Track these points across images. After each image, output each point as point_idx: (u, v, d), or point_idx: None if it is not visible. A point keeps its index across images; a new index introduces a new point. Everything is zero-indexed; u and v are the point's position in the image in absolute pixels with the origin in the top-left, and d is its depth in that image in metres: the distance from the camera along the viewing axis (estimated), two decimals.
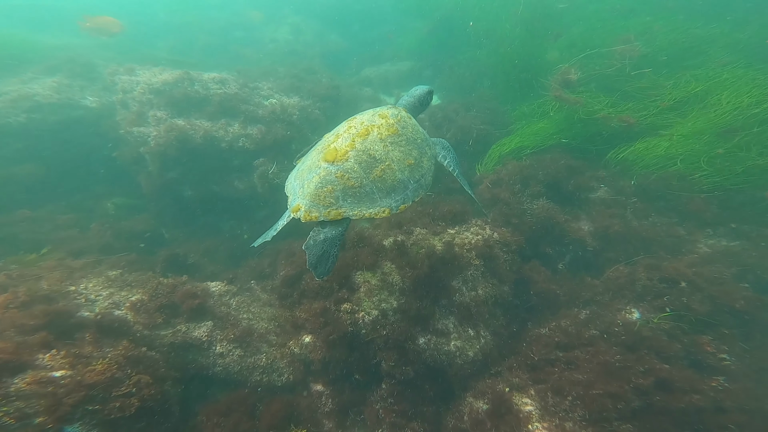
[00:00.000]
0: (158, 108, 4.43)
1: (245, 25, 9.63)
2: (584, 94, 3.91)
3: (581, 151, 3.96)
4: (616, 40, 4.78)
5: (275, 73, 5.65)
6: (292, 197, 2.46)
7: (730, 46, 4.60)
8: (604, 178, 3.67)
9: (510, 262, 3.25)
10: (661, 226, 3.25)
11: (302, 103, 5.04)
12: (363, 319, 2.82)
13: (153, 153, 4.10)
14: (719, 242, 3.06)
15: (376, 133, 2.49)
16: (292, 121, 4.68)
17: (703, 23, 4.99)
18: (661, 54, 4.60)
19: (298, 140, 4.72)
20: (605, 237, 3.29)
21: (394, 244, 3.24)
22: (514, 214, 3.47)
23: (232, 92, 4.69)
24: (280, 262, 3.76)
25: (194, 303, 2.93)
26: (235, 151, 4.33)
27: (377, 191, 2.39)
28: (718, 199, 3.18)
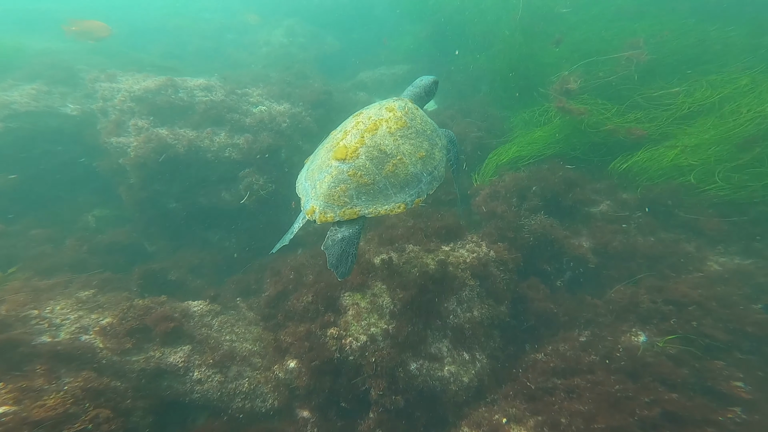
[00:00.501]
0: (140, 117, 4.32)
1: (239, 28, 9.57)
2: (588, 103, 3.79)
3: (582, 162, 3.85)
4: (622, 44, 4.65)
5: (266, 79, 5.56)
6: (305, 198, 2.45)
7: (748, 51, 4.43)
8: (605, 190, 3.55)
9: (507, 281, 3.13)
10: (667, 243, 3.12)
11: (293, 111, 4.93)
12: (350, 345, 2.70)
13: (133, 164, 3.98)
14: (732, 260, 2.93)
15: (385, 127, 2.48)
16: (281, 130, 4.56)
17: (718, 27, 4.84)
18: (671, 59, 4.45)
19: (287, 149, 4.62)
20: (607, 254, 3.17)
21: (385, 263, 3.12)
22: (511, 229, 3.35)
23: (219, 99, 4.58)
24: (266, 279, 3.65)
25: (169, 326, 2.80)
26: (222, 161, 4.21)
27: (391, 187, 2.38)
28: (731, 214, 3.05)
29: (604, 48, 4.87)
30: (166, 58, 7.56)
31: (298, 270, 3.46)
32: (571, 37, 5.43)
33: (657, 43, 4.56)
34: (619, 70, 4.30)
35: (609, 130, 3.53)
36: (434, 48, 8.36)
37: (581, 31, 5.52)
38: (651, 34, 4.83)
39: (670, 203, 3.25)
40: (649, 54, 4.29)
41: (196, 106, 4.45)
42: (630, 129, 3.36)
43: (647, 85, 4.20)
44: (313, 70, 6.69)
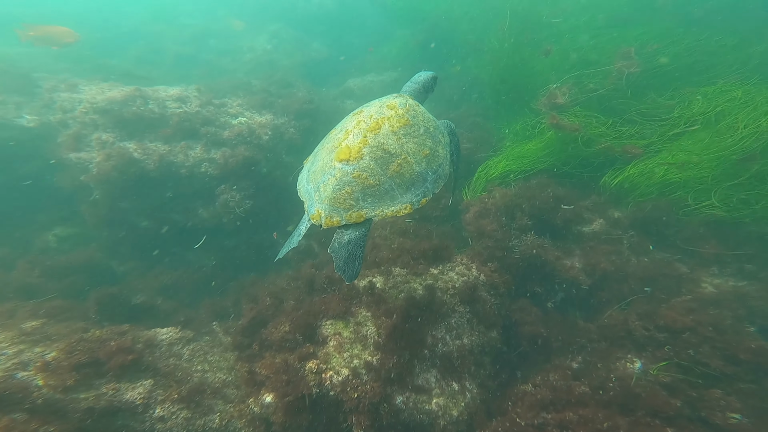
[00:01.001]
0: (104, 130, 4.12)
1: (222, 34, 9.41)
2: (580, 116, 3.76)
3: (573, 177, 3.81)
4: (613, 53, 4.64)
5: (248, 87, 5.41)
6: (309, 202, 2.44)
7: (739, 62, 4.44)
8: (597, 207, 3.51)
9: (498, 305, 3.05)
10: (661, 264, 3.09)
11: (276, 122, 4.80)
12: (331, 380, 2.56)
13: (97, 182, 3.77)
14: (726, 282, 2.90)
15: (387, 126, 2.45)
16: (262, 144, 4.41)
17: (705, 36, 4.85)
18: (663, 69, 4.44)
19: (269, 163, 4.48)
20: (599, 275, 3.11)
21: (370, 288, 3.00)
22: (501, 249, 3.28)
23: (193, 111, 4.42)
24: (242, 305, 3.49)
25: (127, 359, 2.63)
26: (198, 177, 4.04)
27: (396, 187, 2.37)
28: (725, 234, 3.03)
29: (594, 57, 4.88)
30: (141, 64, 7.33)
31: (276, 295, 3.32)
32: (561, 44, 5.45)
33: (647, 53, 4.55)
34: (611, 81, 4.29)
35: (604, 148, 3.47)
36: (424, 55, 8.36)
37: (571, 38, 5.54)
38: (641, 43, 4.83)
39: (664, 219, 3.22)
40: (640, 64, 4.28)
41: (169, 118, 4.27)
42: (626, 147, 3.30)
43: (640, 98, 4.20)
44: (298, 78, 6.57)
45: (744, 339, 2.51)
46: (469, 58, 7.05)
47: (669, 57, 4.51)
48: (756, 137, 2.94)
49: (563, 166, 3.78)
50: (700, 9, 5.91)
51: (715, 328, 2.54)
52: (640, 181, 3.38)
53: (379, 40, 10.32)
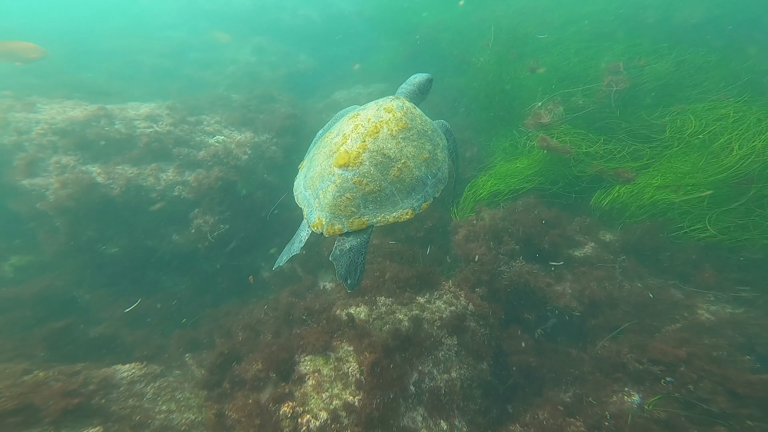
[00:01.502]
0: (64, 152, 3.90)
1: (203, 46, 9.34)
2: (570, 134, 3.74)
3: (562, 197, 3.77)
4: (601, 66, 4.67)
5: (227, 103, 5.31)
6: (308, 209, 2.43)
7: (727, 78, 4.47)
8: (587, 229, 3.47)
9: (488, 335, 2.95)
10: (655, 289, 3.03)
11: (256, 140, 4.68)
12: (308, 425, 2.41)
13: (55, 210, 3.57)
14: (723, 309, 2.85)
15: (386, 130, 2.45)
16: (240, 165, 4.26)
17: (691, 51, 4.90)
18: (652, 85, 4.42)
19: (249, 184, 4.35)
20: (591, 301, 3.04)
21: (353, 320, 2.87)
22: (490, 274, 3.20)
23: (164, 131, 4.26)
24: (215, 336, 3.32)
25: (71, 403, 2.42)
26: (170, 201, 3.87)
27: (397, 192, 2.38)
28: (719, 259, 3.00)
29: (582, 70, 4.89)
30: (115, 79, 7.17)
31: (252, 327, 3.17)
32: (549, 57, 5.48)
33: (636, 67, 4.58)
34: (600, 97, 4.28)
35: (597, 172, 3.42)
36: (412, 66, 8.42)
37: (558, 51, 5.59)
38: (629, 57, 4.87)
39: (656, 244, 3.18)
40: (629, 79, 4.28)
41: (137, 138, 4.10)
42: (618, 171, 3.25)
43: (630, 115, 4.20)
44: (281, 91, 6.50)
45: (744, 372, 2.44)
46: (458, 73, 7.10)
47: (657, 72, 4.55)
48: (752, 159, 2.91)
49: (552, 185, 3.74)
50: (683, 26, 6.07)
51: (712, 360, 2.47)
52: (630, 201, 3.35)
53: (366, 52, 10.38)
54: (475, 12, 7.73)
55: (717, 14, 6.03)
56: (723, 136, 3.15)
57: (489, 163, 4.73)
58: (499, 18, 7.22)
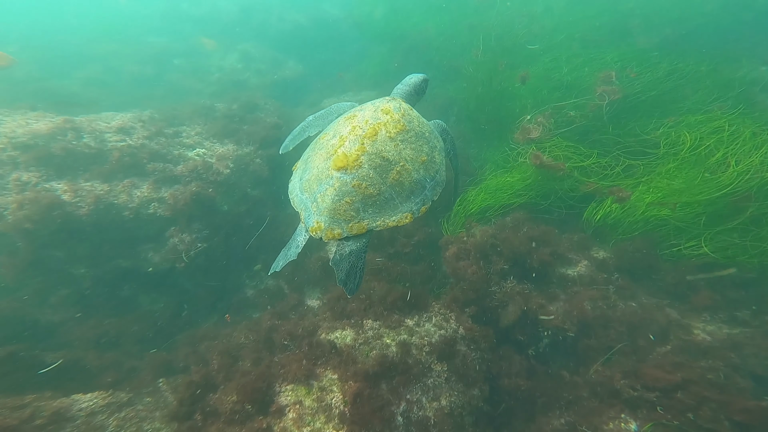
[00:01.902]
0: (26, 169, 3.69)
1: (187, 52, 9.20)
2: (560, 149, 3.71)
3: (553, 212, 3.73)
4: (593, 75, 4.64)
5: (210, 112, 5.19)
6: (305, 213, 2.43)
7: (720, 88, 4.45)
8: (580, 247, 3.43)
9: (479, 360, 2.87)
10: (649, 309, 3.00)
11: (239, 152, 4.57)
12: None
13: (15, 231, 3.38)
14: (720, 329, 2.83)
15: (384, 132, 2.45)
16: (221, 180, 4.12)
17: (682, 60, 4.89)
18: (645, 96, 4.38)
19: (231, 200, 4.24)
20: (585, 322, 2.99)
21: (338, 345, 2.78)
22: (481, 295, 3.14)
23: (139, 144, 4.10)
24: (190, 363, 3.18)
25: None
26: (145, 219, 3.72)
27: (396, 196, 2.39)
28: (714, 278, 2.97)
29: (574, 80, 4.87)
30: (92, 86, 6.98)
31: (229, 353, 3.04)
32: (539, 66, 5.49)
33: (628, 77, 4.56)
34: (592, 108, 4.25)
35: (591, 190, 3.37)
36: (402, 73, 8.39)
37: (549, 59, 5.59)
38: (620, 66, 4.85)
39: (649, 263, 3.15)
40: (621, 89, 4.26)
41: (109, 153, 3.93)
42: (613, 189, 3.19)
43: (623, 127, 4.17)
44: (268, 100, 6.40)
45: (745, 398, 2.40)
46: (448, 81, 7.10)
47: (649, 82, 4.54)
48: (750, 176, 2.87)
49: (543, 200, 3.71)
50: (672, 33, 6.14)
51: (710, 385, 2.43)
52: (623, 217, 3.33)
53: (357, 57, 10.36)
54: (465, 19, 7.76)
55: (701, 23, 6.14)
56: (719, 151, 3.11)
57: (480, 174, 4.69)
58: (489, 26, 7.26)
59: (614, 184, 3.30)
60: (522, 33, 6.35)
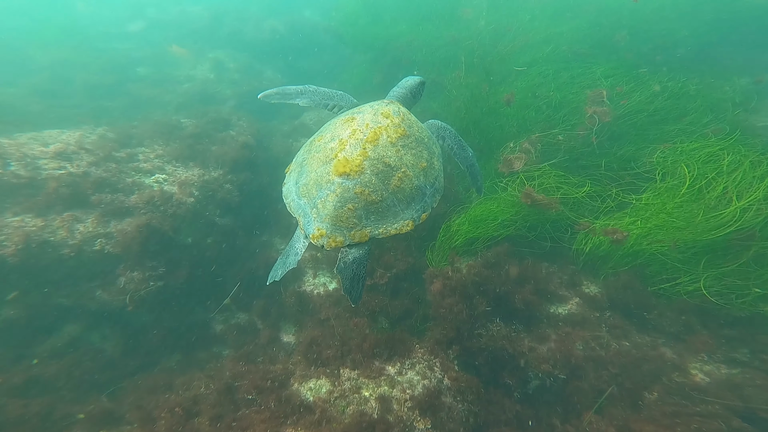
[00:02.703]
0: None
1: (154, 60, 8.90)
2: (549, 177, 3.66)
3: (542, 244, 3.66)
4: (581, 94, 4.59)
5: (174, 130, 4.94)
6: (304, 220, 2.42)
7: (711, 108, 4.41)
8: (571, 282, 3.38)
9: (466, 412, 2.74)
10: (644, 348, 2.95)
11: (206, 177, 4.34)
12: None
13: None
14: (718, 369, 2.78)
15: (385, 137, 2.47)
16: (179, 214, 3.83)
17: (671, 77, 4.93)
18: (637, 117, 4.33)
19: (196, 232, 4.02)
20: (576, 364, 2.92)
21: (311, 400, 2.61)
22: (466, 336, 3.03)
23: (81, 171, 3.76)
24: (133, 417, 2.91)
25: None
26: (89, 257, 3.44)
27: (398, 203, 2.42)
28: (710, 316, 2.95)
29: (562, 97, 4.84)
30: (36, 97, 6.52)
31: (184, 408, 2.81)
32: (526, 81, 5.50)
33: (619, 95, 4.52)
34: (583, 129, 4.19)
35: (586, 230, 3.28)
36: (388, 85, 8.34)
37: (535, 73, 5.61)
38: (611, 82, 4.79)
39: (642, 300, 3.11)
40: (612, 111, 4.20)
41: (43, 182, 3.60)
42: (608, 230, 3.10)
43: (615, 152, 4.10)
44: (241, 115, 6.21)
45: None
46: (431, 95, 7.08)
47: (639, 101, 4.52)
48: (753, 212, 2.77)
49: (531, 231, 3.64)
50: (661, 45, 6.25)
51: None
52: (613, 250, 3.28)
53: (338, 67, 10.30)
54: (449, 30, 7.80)
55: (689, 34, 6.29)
56: (719, 184, 3.02)
57: (466, 198, 4.61)
58: (473, 39, 7.30)
59: (609, 224, 3.22)
60: (507, 49, 6.39)
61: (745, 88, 5.18)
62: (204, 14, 10.72)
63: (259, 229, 5.22)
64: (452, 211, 4.24)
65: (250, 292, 4.57)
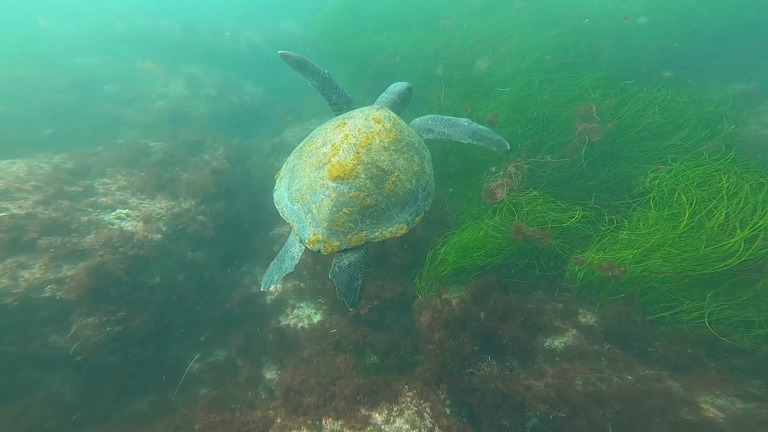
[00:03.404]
0: None
1: (123, 76, 8.68)
2: (537, 203, 3.59)
3: (532, 274, 3.57)
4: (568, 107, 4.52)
5: (142, 155, 4.77)
6: (299, 225, 2.48)
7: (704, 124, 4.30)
8: (566, 312, 3.30)
9: None
10: (648, 381, 2.86)
11: (176, 209, 4.17)
12: None
13: None
14: (732, 404, 2.69)
15: (378, 141, 2.55)
16: (140, 255, 3.60)
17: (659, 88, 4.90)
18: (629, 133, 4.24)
19: (163, 269, 3.82)
20: (576, 401, 2.81)
21: None
22: (458, 373, 2.92)
23: (26, 213, 3.50)
24: None
25: None
26: (39, 304, 3.22)
27: (392, 207, 2.51)
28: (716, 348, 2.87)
29: (549, 112, 4.75)
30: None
31: None
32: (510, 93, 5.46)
33: (608, 111, 4.44)
34: (571, 150, 4.10)
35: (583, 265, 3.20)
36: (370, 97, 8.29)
37: (520, 86, 5.57)
38: (599, 96, 4.69)
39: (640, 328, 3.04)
40: (602, 128, 4.10)
41: None
42: (603, 265, 3.00)
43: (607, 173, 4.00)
44: (216, 135, 6.07)
45: None
46: (414, 111, 7.04)
47: (629, 116, 4.45)
48: (760, 241, 2.65)
49: (521, 258, 3.56)
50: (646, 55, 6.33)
51: None
52: (608, 279, 3.20)
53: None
54: (431, 42, 7.82)
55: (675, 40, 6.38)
56: (720, 211, 2.90)
57: (454, 220, 4.53)
58: (453, 50, 7.29)
59: (605, 258, 3.13)
60: (490, 61, 6.40)
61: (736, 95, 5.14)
62: (176, 27, 10.58)
63: (238, 259, 5.05)
64: (439, 235, 4.16)
65: (230, 327, 4.39)
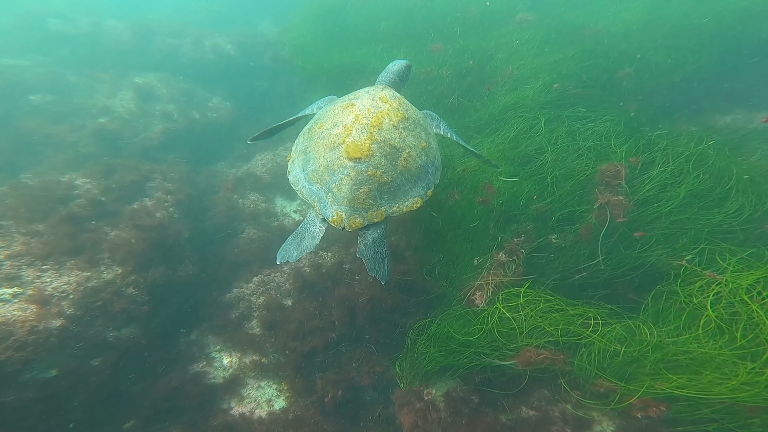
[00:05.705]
0: None
1: (55, 85, 7.94)
2: (537, 303, 3.20)
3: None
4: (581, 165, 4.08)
5: (60, 204, 4.14)
6: (320, 204, 2.78)
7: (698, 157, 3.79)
8: (577, 425, 2.97)
9: None
10: None
11: (94, 282, 3.50)
12: None
13: None
14: None
15: (387, 120, 2.85)
16: (24, 349, 2.85)
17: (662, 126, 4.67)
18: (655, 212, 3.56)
19: (67, 357, 3.24)
20: None
21: None
22: None
23: None
24: None
25: None
26: None
27: (406, 182, 2.82)
28: None
29: (560, 173, 4.17)
30: None
31: None
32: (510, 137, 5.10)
33: (632, 169, 3.75)
34: (586, 230, 3.51)
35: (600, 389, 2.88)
36: None
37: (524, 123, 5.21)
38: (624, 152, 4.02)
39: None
40: (630, 201, 3.43)
41: None
42: (645, 401, 2.68)
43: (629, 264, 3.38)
44: (169, 164, 5.43)
45: None
46: None
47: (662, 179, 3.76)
48: None
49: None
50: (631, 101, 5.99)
51: None
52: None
53: (297, 94, 9.76)
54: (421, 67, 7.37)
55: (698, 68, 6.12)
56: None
57: (440, 290, 4.08)
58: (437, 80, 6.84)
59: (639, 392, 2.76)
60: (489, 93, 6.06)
61: None
62: (120, 28, 9.87)
63: (186, 327, 4.51)
64: (421, 315, 3.75)
65: (164, 418, 3.83)
